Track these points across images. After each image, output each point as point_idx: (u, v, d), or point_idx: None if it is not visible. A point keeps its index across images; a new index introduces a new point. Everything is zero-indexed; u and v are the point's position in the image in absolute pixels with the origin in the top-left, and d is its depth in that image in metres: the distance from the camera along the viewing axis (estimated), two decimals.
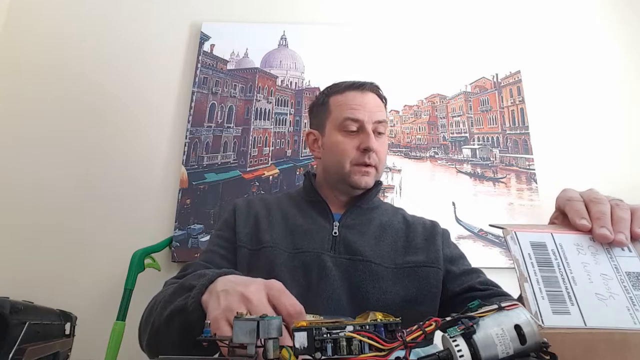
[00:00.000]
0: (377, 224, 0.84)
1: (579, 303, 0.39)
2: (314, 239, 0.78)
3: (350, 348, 0.31)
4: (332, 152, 0.83)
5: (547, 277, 0.41)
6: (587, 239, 0.45)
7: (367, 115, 0.81)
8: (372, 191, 0.87)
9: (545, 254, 0.43)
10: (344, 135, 0.82)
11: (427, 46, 1.73)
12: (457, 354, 0.29)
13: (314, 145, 0.89)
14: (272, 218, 0.82)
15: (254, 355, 0.30)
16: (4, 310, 0.60)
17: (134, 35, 1.72)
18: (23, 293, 0.94)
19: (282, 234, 0.79)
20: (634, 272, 0.42)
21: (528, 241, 0.45)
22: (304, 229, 0.80)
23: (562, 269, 0.42)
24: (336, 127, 0.83)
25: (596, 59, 1.74)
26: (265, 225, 0.80)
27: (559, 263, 0.42)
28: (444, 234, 0.87)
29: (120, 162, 1.57)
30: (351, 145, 0.81)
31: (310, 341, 0.31)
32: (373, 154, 0.80)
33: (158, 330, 0.57)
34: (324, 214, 0.83)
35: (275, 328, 0.32)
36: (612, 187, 1.60)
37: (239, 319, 0.32)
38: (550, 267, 0.42)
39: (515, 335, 0.30)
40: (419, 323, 0.32)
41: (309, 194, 0.87)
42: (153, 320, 0.59)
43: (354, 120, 0.81)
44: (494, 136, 1.63)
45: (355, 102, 0.83)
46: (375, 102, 0.84)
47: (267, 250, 0.76)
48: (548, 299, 0.39)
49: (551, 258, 0.43)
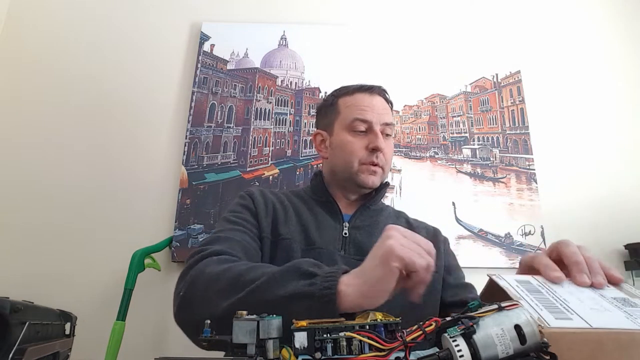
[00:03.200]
0: (384, 226, 0.84)
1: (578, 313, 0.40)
2: (326, 237, 0.79)
3: (350, 348, 0.31)
4: (341, 151, 0.84)
5: (540, 298, 0.43)
6: (567, 281, 0.48)
7: (375, 116, 0.83)
8: (381, 192, 0.88)
9: (532, 287, 0.46)
10: (352, 135, 0.83)
11: (427, 46, 1.73)
12: (457, 354, 0.29)
13: (322, 146, 0.91)
14: (287, 211, 0.82)
15: (254, 355, 0.30)
16: (4, 310, 0.60)
17: (134, 35, 1.72)
18: (23, 293, 0.94)
19: (297, 228, 0.79)
20: (620, 297, 0.44)
21: (513, 279, 0.48)
22: (317, 226, 0.81)
23: (552, 295, 0.44)
24: (345, 127, 0.84)
25: (596, 59, 1.74)
26: (282, 218, 0.80)
27: (548, 291, 0.45)
28: (445, 241, 0.89)
29: (120, 162, 1.57)
30: (360, 145, 0.82)
31: (310, 341, 0.31)
32: (381, 154, 0.82)
33: (247, 303, 0.53)
34: (334, 215, 0.84)
35: (275, 328, 0.32)
36: (612, 188, 1.61)
37: (239, 319, 0.32)
38: (540, 294, 0.44)
39: (515, 335, 0.30)
40: (419, 323, 0.32)
41: (319, 193, 0.88)
42: (244, 297, 0.55)
43: (363, 120, 0.83)
44: (494, 136, 1.63)
45: (364, 103, 0.84)
46: (382, 105, 0.86)
47: (285, 243, 0.76)
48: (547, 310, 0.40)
49: (539, 289, 0.46)
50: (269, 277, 0.55)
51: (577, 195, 1.56)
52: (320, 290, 0.50)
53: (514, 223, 1.51)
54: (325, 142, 0.90)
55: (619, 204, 1.54)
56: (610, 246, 1.49)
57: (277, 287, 0.53)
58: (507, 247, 1.48)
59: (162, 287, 1.43)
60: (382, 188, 0.89)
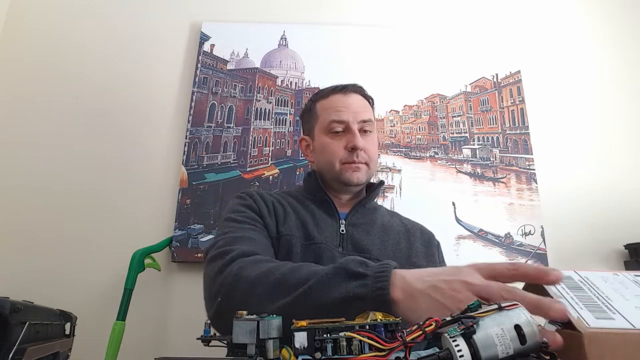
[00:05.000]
0: (380, 225, 0.86)
1: (621, 313, 0.38)
2: (325, 233, 0.79)
3: (350, 348, 0.31)
4: (322, 154, 0.86)
5: (580, 296, 0.41)
6: (611, 274, 0.45)
7: (351, 115, 0.84)
8: (375, 191, 0.90)
9: (573, 283, 0.44)
10: (331, 137, 0.85)
11: (427, 46, 1.73)
12: (457, 354, 0.29)
13: (307, 151, 0.93)
14: (285, 209, 0.83)
15: (254, 355, 0.30)
16: (4, 310, 0.60)
17: (134, 35, 1.72)
18: (23, 293, 0.94)
19: (296, 224, 0.80)
20: None
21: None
22: (314, 223, 0.81)
23: (594, 292, 0.42)
24: (323, 130, 0.86)
25: (596, 58, 1.74)
26: (281, 216, 0.81)
27: (590, 288, 0.43)
28: (438, 246, 0.91)
29: (120, 162, 1.57)
30: (339, 145, 0.84)
31: (310, 341, 0.31)
32: (361, 152, 0.83)
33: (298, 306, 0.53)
34: (330, 212, 0.84)
35: (275, 328, 0.32)
36: (612, 188, 1.61)
37: (239, 319, 0.32)
38: (582, 290, 0.42)
39: (515, 335, 0.30)
40: (419, 323, 0.32)
41: (314, 192, 0.88)
42: (292, 300, 0.54)
43: (339, 122, 0.84)
44: (494, 136, 1.63)
45: (340, 104, 0.86)
46: (359, 103, 0.87)
47: (285, 239, 0.77)
48: (587, 309, 0.38)
49: (580, 285, 0.43)
50: (318, 280, 0.53)
51: (577, 195, 1.56)
52: (374, 291, 0.49)
53: (514, 223, 1.51)
54: (309, 147, 0.92)
55: (619, 204, 1.54)
56: (610, 246, 1.49)
57: (327, 290, 0.52)
58: (507, 247, 1.48)
59: (162, 287, 1.43)
60: (376, 187, 0.90)
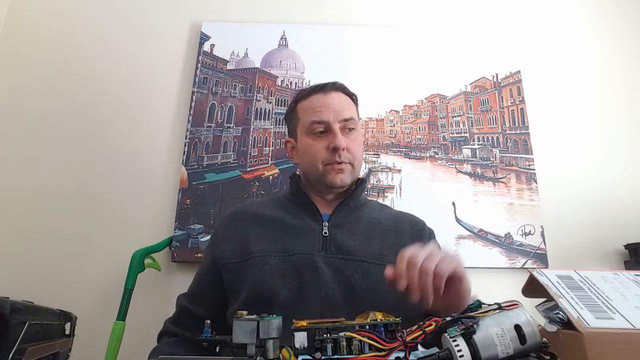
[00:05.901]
0: (366, 222, 0.85)
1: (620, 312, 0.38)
2: (305, 241, 0.79)
3: (350, 348, 0.31)
4: (305, 156, 0.85)
5: (580, 296, 0.41)
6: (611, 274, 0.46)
7: (332, 115, 0.83)
8: (359, 189, 0.88)
9: (574, 283, 0.44)
10: (313, 138, 0.84)
11: (427, 46, 1.73)
12: (457, 354, 0.29)
13: (292, 152, 0.92)
14: (261, 227, 0.83)
15: (254, 355, 0.30)
16: (4, 310, 0.60)
17: (134, 35, 1.72)
18: (23, 293, 0.94)
19: (273, 240, 0.79)
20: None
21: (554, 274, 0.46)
22: (295, 232, 0.80)
23: (594, 291, 0.42)
24: (305, 131, 0.85)
25: (596, 59, 1.74)
26: (254, 237, 0.81)
27: (589, 288, 0.43)
28: (430, 234, 0.89)
29: (120, 162, 1.57)
30: (321, 146, 0.82)
31: (310, 341, 0.31)
32: (344, 152, 0.82)
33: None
34: (313, 215, 0.84)
35: (275, 328, 0.32)
36: (612, 188, 1.61)
37: (239, 319, 0.32)
38: (582, 290, 0.42)
39: (515, 335, 0.30)
40: (419, 323, 0.32)
41: (296, 196, 0.88)
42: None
43: (320, 122, 0.83)
44: (494, 136, 1.63)
45: (319, 104, 0.85)
46: (340, 101, 0.86)
47: (256, 259, 0.77)
48: (587, 309, 0.38)
49: (580, 285, 0.44)
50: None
51: (577, 196, 1.56)
52: None
53: (514, 223, 1.50)
54: (294, 148, 0.91)
55: (619, 204, 1.54)
56: (610, 246, 1.49)
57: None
58: (507, 247, 1.48)
59: (162, 287, 1.43)
60: (360, 184, 0.89)
